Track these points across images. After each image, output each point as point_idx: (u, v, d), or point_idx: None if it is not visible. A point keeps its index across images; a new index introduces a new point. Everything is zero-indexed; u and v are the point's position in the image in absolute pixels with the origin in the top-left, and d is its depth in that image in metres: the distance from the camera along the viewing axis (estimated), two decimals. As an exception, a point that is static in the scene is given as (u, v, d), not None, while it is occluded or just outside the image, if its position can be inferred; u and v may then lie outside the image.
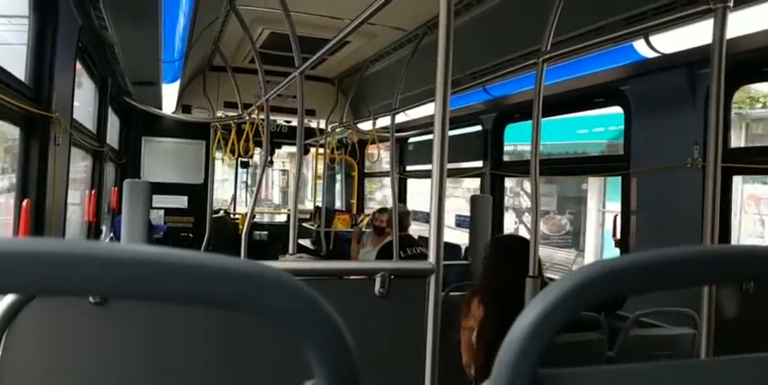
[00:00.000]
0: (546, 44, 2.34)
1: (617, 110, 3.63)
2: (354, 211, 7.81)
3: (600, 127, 8.05)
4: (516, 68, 3.04)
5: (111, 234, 5.36)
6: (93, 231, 4.73)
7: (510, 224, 9.72)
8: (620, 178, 3.52)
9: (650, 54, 2.71)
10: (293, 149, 7.57)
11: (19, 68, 2.74)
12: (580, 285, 0.45)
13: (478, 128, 5.13)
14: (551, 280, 2.62)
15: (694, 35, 2.37)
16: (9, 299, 1.28)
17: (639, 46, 2.67)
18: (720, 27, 1.52)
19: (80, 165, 4.52)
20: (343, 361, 0.41)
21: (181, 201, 7.17)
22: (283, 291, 0.39)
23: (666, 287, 0.48)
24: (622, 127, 3.55)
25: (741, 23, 2.14)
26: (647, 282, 0.47)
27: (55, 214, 3.01)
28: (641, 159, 3.31)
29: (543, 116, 2.38)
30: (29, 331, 1.32)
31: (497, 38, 3.73)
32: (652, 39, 2.58)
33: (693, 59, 2.76)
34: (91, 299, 1.32)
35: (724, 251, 0.51)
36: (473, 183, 7.36)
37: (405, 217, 4.48)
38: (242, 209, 8.67)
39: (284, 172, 8.63)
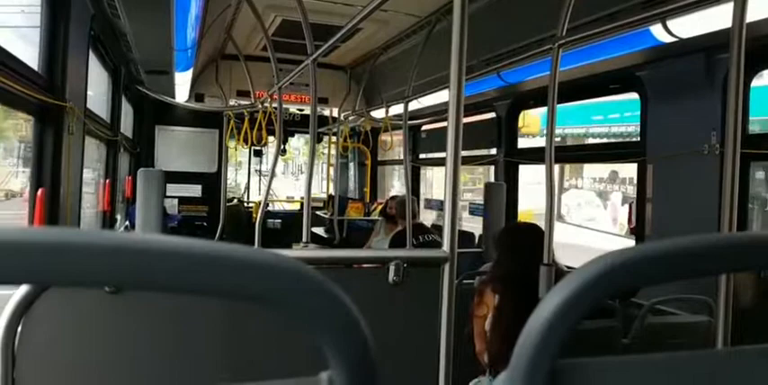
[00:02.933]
0: (561, 29, 2.30)
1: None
2: (367, 200, 7.82)
3: (616, 113, 7.88)
4: (531, 54, 3.00)
5: (127, 222, 5.41)
6: (108, 220, 4.77)
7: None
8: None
9: (667, 39, 2.66)
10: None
11: (32, 58, 2.75)
12: (600, 275, 0.44)
13: (492, 115, 5.09)
14: (570, 268, 2.61)
15: (713, 19, 2.32)
16: (24, 289, 1.30)
17: (657, 31, 2.62)
18: (741, 10, 1.49)
19: (94, 154, 4.55)
20: (360, 350, 0.40)
21: (195, 190, 7.20)
22: (298, 281, 0.38)
23: (686, 276, 0.47)
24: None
25: (761, 6, 2.09)
26: (667, 271, 0.46)
27: (70, 203, 3.03)
28: (657, 146, 3.26)
29: (558, 103, 2.36)
30: (44, 320, 1.33)
31: (512, 23, 3.69)
32: (669, 23, 2.53)
33: (711, 44, 2.71)
34: (106, 288, 1.33)
35: (745, 239, 0.50)
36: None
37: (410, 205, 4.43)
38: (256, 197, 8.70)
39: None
